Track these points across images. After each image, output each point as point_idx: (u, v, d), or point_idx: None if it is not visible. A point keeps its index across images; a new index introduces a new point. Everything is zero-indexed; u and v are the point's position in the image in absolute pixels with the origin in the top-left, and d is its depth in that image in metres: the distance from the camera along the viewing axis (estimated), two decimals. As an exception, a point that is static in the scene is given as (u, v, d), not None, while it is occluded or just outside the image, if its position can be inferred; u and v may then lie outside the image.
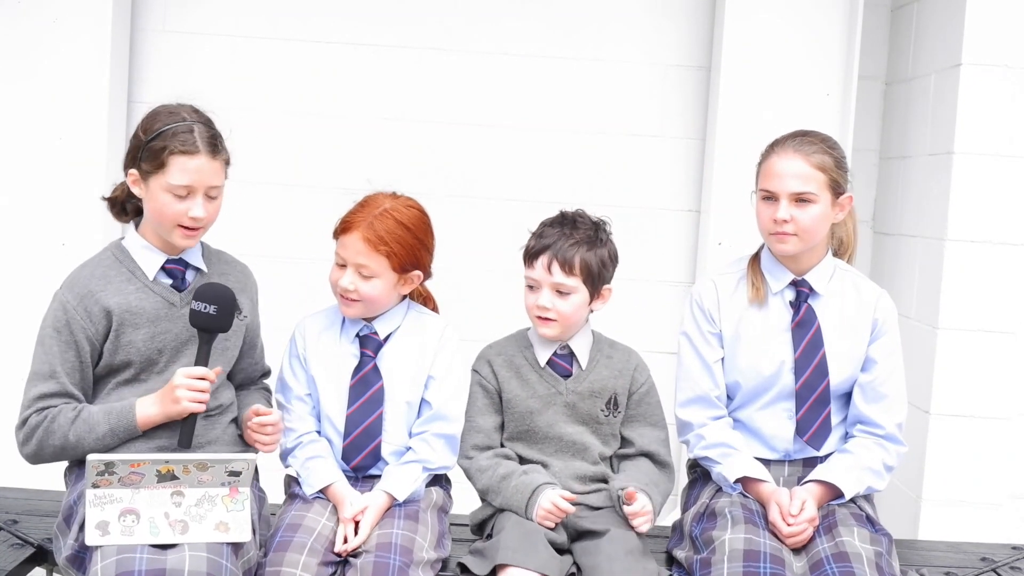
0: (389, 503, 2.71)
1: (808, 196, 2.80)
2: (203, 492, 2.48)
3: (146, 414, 2.56)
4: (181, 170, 2.54)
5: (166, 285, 2.64)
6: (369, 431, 2.80)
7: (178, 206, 2.56)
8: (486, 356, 2.92)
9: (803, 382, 2.86)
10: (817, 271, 2.90)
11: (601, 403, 2.86)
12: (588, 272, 2.79)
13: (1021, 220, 3.74)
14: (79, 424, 2.54)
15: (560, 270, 2.78)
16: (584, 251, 2.79)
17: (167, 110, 2.61)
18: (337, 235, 2.80)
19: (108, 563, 2.35)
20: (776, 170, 2.82)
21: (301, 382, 2.83)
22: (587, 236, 2.81)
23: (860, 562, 2.60)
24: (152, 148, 2.55)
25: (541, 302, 2.79)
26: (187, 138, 2.54)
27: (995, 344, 3.76)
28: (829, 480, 2.80)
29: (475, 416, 2.87)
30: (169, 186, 2.54)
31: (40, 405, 2.56)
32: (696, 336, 2.94)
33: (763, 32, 4.02)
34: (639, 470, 2.84)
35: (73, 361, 2.58)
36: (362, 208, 2.79)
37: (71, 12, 3.91)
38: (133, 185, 2.60)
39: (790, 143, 2.85)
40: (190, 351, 2.64)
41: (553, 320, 2.80)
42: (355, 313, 2.81)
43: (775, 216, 2.81)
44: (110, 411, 2.56)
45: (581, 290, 2.79)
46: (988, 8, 3.68)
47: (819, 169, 2.80)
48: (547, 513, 2.67)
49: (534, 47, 4.24)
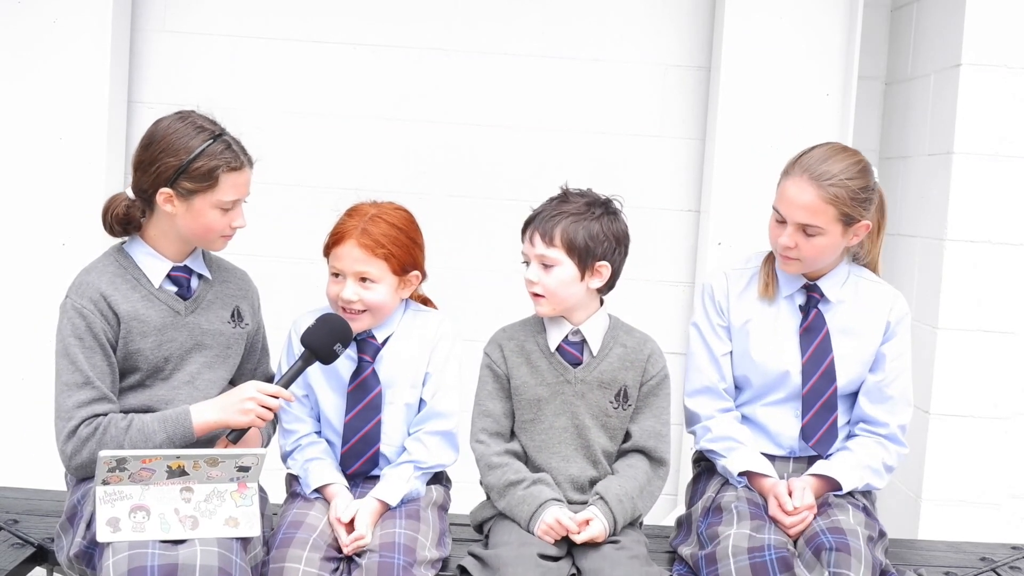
0: (382, 509, 2.71)
1: (813, 230, 2.76)
2: (212, 487, 2.49)
3: (205, 420, 2.58)
4: (232, 186, 2.59)
5: (171, 293, 2.65)
6: (367, 438, 2.79)
7: (223, 219, 2.61)
8: (498, 340, 2.87)
9: (810, 387, 2.86)
10: (830, 278, 2.88)
11: (610, 395, 2.81)
12: (571, 244, 2.71)
13: (1021, 220, 3.74)
14: (133, 433, 2.54)
15: (541, 240, 2.74)
16: (568, 223, 2.72)
17: (189, 124, 2.59)
18: (328, 249, 2.79)
19: (120, 559, 2.35)
20: (787, 195, 2.77)
21: (298, 383, 2.83)
22: (576, 209, 2.74)
23: (856, 537, 2.61)
24: (200, 169, 2.55)
25: (528, 275, 2.76)
26: (231, 155, 2.59)
27: (995, 344, 3.77)
28: (828, 474, 2.81)
29: (485, 400, 2.84)
30: (220, 202, 2.59)
31: (84, 414, 2.53)
32: (706, 328, 2.93)
33: (763, 32, 4.02)
34: (626, 475, 2.79)
35: (102, 365, 2.57)
36: (350, 217, 2.78)
37: (71, 12, 3.91)
38: (164, 203, 2.58)
39: (811, 166, 2.75)
40: (194, 358, 2.66)
41: (542, 296, 2.75)
42: (362, 327, 2.78)
43: (780, 240, 2.80)
44: (165, 419, 2.56)
45: (566, 263, 2.73)
46: (988, 8, 3.68)
47: (830, 203, 2.73)
48: (549, 529, 2.66)
49: (534, 47, 4.25)
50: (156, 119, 2.65)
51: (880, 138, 4.40)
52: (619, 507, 2.71)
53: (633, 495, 2.75)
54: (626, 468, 2.82)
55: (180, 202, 2.58)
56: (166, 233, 2.63)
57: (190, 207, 2.58)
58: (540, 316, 2.82)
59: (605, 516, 2.69)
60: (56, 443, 2.57)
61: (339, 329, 2.69)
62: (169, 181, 2.56)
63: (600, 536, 2.67)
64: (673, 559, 2.87)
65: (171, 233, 2.63)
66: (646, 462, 2.83)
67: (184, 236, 2.63)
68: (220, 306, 2.73)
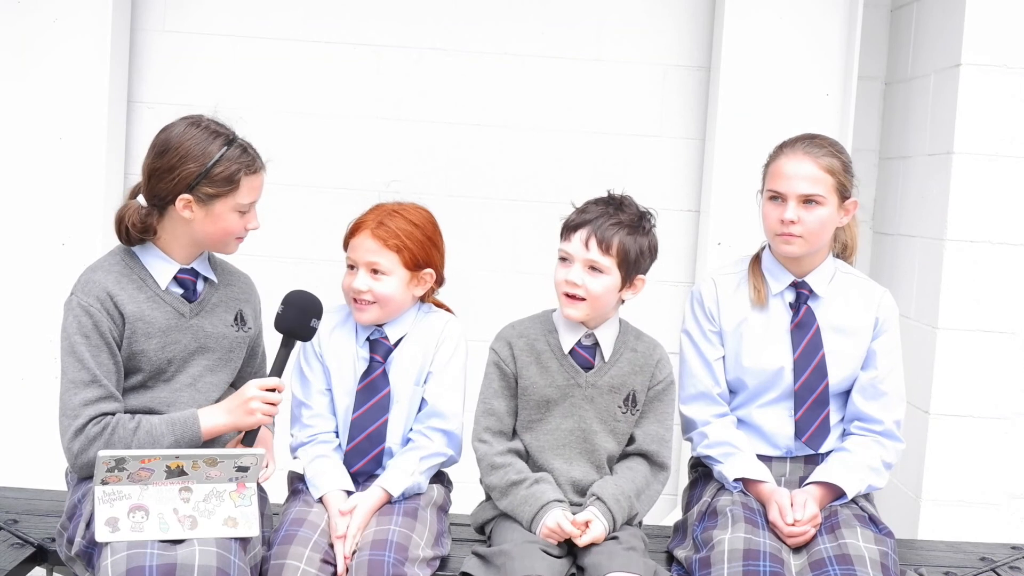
0: (384, 499, 2.71)
1: (816, 198, 2.81)
2: (211, 488, 2.50)
3: (213, 424, 2.60)
4: (250, 189, 2.62)
5: (177, 295, 2.65)
6: (372, 437, 2.80)
7: (240, 221, 2.64)
8: (507, 337, 2.85)
9: (802, 383, 2.87)
10: (818, 273, 2.91)
11: (619, 399, 2.81)
12: (624, 256, 2.72)
13: (1021, 220, 3.74)
14: (141, 435, 2.54)
15: (597, 247, 2.71)
16: (624, 234, 2.72)
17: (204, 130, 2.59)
18: (347, 240, 2.82)
19: (118, 558, 2.36)
20: (785, 171, 2.83)
21: (319, 376, 2.83)
22: (630, 220, 2.75)
23: (863, 565, 2.60)
24: (221, 173, 2.56)
25: (571, 276, 2.72)
26: (248, 158, 2.62)
27: (995, 344, 3.76)
28: (830, 481, 2.81)
29: (490, 398, 2.83)
30: (239, 205, 2.61)
31: (92, 412, 2.53)
32: (697, 334, 2.95)
33: (763, 32, 4.02)
34: (624, 476, 2.80)
35: (108, 363, 2.57)
36: (371, 212, 2.82)
37: (71, 12, 3.91)
38: (183, 209, 2.58)
39: (800, 145, 2.86)
40: (197, 361, 2.66)
41: (581, 300, 2.72)
42: (369, 318, 2.79)
43: (783, 217, 2.81)
44: (173, 422, 2.57)
45: (614, 273, 2.72)
46: (988, 8, 3.68)
47: (828, 172, 2.82)
48: (550, 532, 2.66)
49: (534, 47, 4.25)
50: (165, 126, 2.64)
51: (880, 138, 4.40)
52: (616, 505, 2.71)
53: (630, 494, 2.75)
54: (625, 470, 2.82)
55: (199, 207, 2.58)
56: (179, 238, 2.63)
57: (209, 212, 2.59)
58: (567, 318, 2.77)
59: (604, 516, 2.69)
60: (61, 440, 2.57)
61: (308, 305, 2.70)
62: (189, 187, 2.56)
63: (601, 537, 2.67)
64: (671, 561, 2.87)
65: (184, 238, 2.63)
66: (646, 466, 2.84)
67: (199, 240, 2.64)
68: (224, 309, 2.73)
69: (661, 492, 2.88)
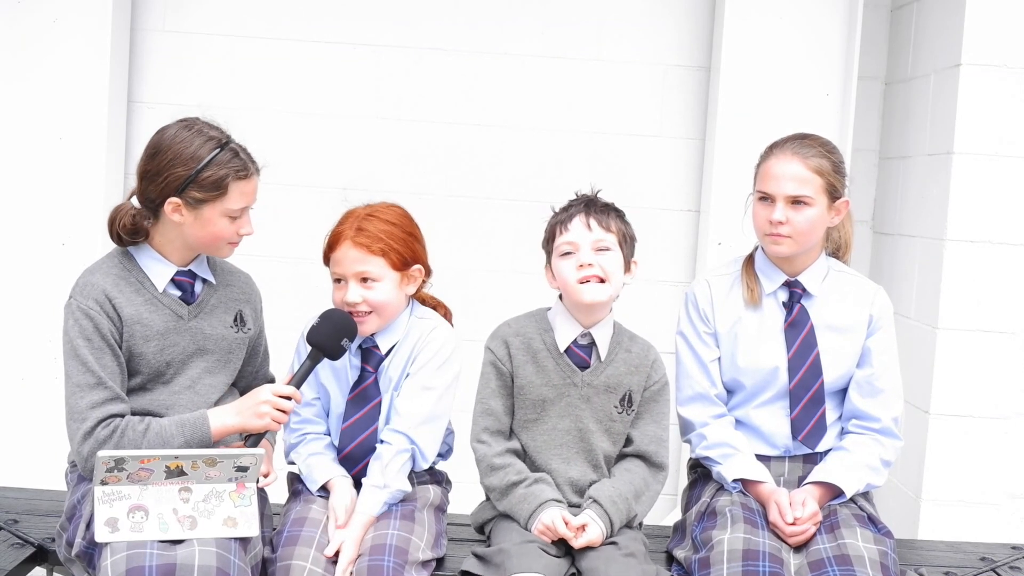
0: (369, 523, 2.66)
1: (804, 199, 2.81)
2: (211, 488, 2.49)
3: (223, 425, 2.59)
4: (241, 194, 2.59)
5: (175, 297, 2.65)
6: (363, 445, 2.79)
7: (231, 226, 2.61)
8: (503, 335, 2.84)
9: (797, 382, 2.87)
10: (810, 272, 2.91)
11: (615, 399, 2.82)
12: (622, 234, 2.77)
13: (1021, 220, 3.74)
14: (151, 437, 2.54)
15: (598, 225, 2.74)
16: (614, 216, 2.79)
17: (196, 132, 2.58)
18: (327, 256, 2.78)
19: (118, 559, 2.36)
20: (773, 172, 2.83)
21: (311, 385, 2.82)
22: (613, 208, 2.80)
23: (863, 565, 2.60)
24: (209, 178, 2.55)
25: (584, 259, 2.72)
26: (240, 163, 2.59)
27: (994, 344, 3.77)
28: (829, 480, 2.81)
29: (488, 398, 2.82)
30: (228, 210, 2.58)
31: (99, 415, 2.52)
32: (692, 336, 2.95)
33: (763, 32, 4.02)
34: (622, 478, 2.80)
35: (112, 365, 2.56)
36: (343, 221, 2.78)
37: (71, 12, 3.91)
38: (172, 213, 2.57)
39: (789, 146, 2.86)
40: (196, 363, 2.66)
41: (601, 280, 2.72)
42: (371, 328, 2.77)
43: (771, 217, 2.82)
44: (183, 424, 2.57)
45: (617, 251, 2.76)
46: (988, 8, 3.68)
47: (816, 173, 2.81)
48: (546, 529, 2.66)
49: (534, 47, 4.25)
50: (160, 127, 2.63)
51: (880, 138, 4.40)
52: (613, 508, 2.71)
53: (628, 496, 2.75)
54: (623, 472, 2.83)
55: (188, 211, 2.57)
56: (172, 241, 2.63)
57: (199, 216, 2.58)
58: (589, 304, 2.74)
59: (601, 519, 2.69)
60: (71, 444, 2.56)
61: (344, 325, 2.69)
62: (178, 191, 2.55)
63: (597, 540, 2.67)
64: (670, 561, 2.87)
65: (177, 241, 2.63)
66: (644, 467, 2.85)
67: (191, 244, 2.63)
68: (223, 311, 2.72)
69: (660, 492, 2.88)
